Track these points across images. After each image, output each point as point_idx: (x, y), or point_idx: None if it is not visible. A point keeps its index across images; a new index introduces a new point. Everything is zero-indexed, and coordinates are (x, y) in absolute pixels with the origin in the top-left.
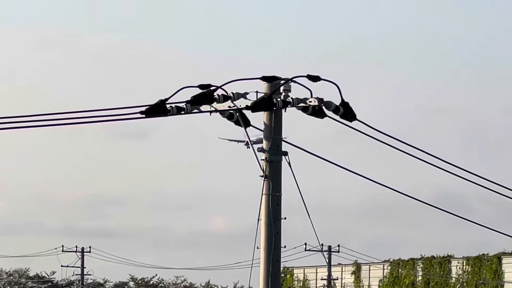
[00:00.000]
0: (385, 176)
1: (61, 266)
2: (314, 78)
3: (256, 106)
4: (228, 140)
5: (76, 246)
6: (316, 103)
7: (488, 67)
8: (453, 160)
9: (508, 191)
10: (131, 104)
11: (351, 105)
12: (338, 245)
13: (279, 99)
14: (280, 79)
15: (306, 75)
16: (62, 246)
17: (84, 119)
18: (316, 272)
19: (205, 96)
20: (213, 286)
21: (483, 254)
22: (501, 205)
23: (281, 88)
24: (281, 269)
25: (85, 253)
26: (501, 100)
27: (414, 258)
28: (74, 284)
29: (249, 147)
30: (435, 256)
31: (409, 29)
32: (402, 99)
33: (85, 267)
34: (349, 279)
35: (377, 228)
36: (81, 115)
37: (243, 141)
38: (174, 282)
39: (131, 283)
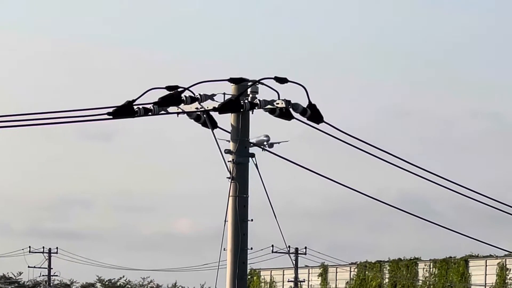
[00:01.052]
0: (352, 179)
1: (28, 267)
2: (282, 80)
3: (223, 108)
4: (227, 141)
5: (43, 247)
6: (284, 105)
7: (454, 70)
8: (419, 163)
9: (474, 194)
10: (98, 105)
11: (318, 107)
12: (305, 247)
13: (246, 101)
14: (248, 81)
15: (273, 77)
16: (29, 247)
17: (51, 120)
18: (283, 274)
19: (173, 98)
20: (180, 287)
21: (450, 257)
22: (467, 208)
23: (249, 90)
24: (248, 271)
25: (52, 254)
26: (467, 103)
27: (381, 261)
28: (41, 285)
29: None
30: (402, 259)
31: (376, 32)
32: (369, 102)
33: (52, 268)
34: (316, 281)
35: (344, 231)
36: (48, 116)
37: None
38: (141, 283)
39: (98, 284)
